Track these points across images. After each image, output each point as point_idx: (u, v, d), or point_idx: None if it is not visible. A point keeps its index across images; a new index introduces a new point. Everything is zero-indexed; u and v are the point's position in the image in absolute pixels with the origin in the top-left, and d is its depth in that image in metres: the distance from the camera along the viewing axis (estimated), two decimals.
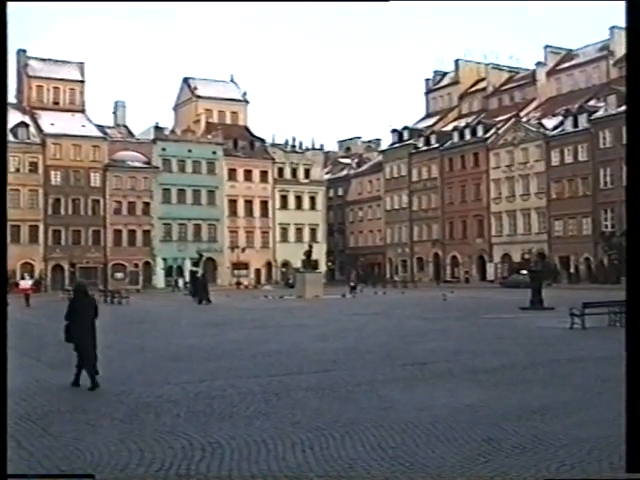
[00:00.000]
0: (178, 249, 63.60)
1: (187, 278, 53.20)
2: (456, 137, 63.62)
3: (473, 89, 71.51)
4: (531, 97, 63.66)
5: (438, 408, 7.77)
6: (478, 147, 61.25)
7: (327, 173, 78.21)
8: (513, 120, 58.40)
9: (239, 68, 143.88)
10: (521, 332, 16.00)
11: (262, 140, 70.52)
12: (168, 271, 63.07)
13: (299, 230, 70.06)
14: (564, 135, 53.03)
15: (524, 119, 58.49)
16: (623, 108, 42.49)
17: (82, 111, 63.11)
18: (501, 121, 60.69)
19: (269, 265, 68.46)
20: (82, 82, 64.17)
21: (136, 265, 61.61)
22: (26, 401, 8.31)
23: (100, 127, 62.14)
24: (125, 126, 67.67)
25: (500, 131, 59.04)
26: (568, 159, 52.81)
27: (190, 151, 64.20)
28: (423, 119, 75.26)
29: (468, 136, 62.39)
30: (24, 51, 63.22)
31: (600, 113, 50.85)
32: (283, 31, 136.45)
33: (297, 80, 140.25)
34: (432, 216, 65.76)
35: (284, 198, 69.70)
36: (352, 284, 45.52)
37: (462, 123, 65.59)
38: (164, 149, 63.33)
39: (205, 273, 42.00)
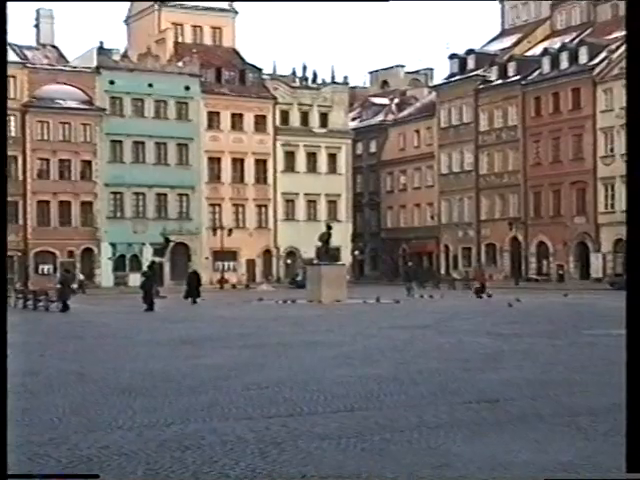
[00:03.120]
0: (134, 230, 64.08)
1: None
2: (546, 65, 63.35)
3: None
4: None
5: (518, 467, 7.75)
6: (580, 80, 60.96)
7: (354, 119, 78.38)
8: None
9: None
10: None
11: (258, 70, 70.66)
12: (119, 262, 63.60)
13: (312, 203, 70.38)
14: None
15: None
16: None
17: None
18: (615, 40, 59.98)
19: (267, 254, 68.88)
20: None
21: (71, 254, 62.20)
22: None
23: (16, 48, 62.08)
24: (54, 47, 67.99)
25: (614, 56, 58.56)
26: None
27: (151, 86, 64.39)
28: (497, 39, 74.86)
29: (565, 63, 62.07)
30: None
31: None
32: None
33: None
34: (509, 183, 65.66)
35: (290, 156, 69.96)
36: (410, 283, 46.45)
37: (556, 44, 65.24)
38: (112, 82, 63.56)
39: (198, 272, 44.59)
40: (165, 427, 9.55)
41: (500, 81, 66.13)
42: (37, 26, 68.20)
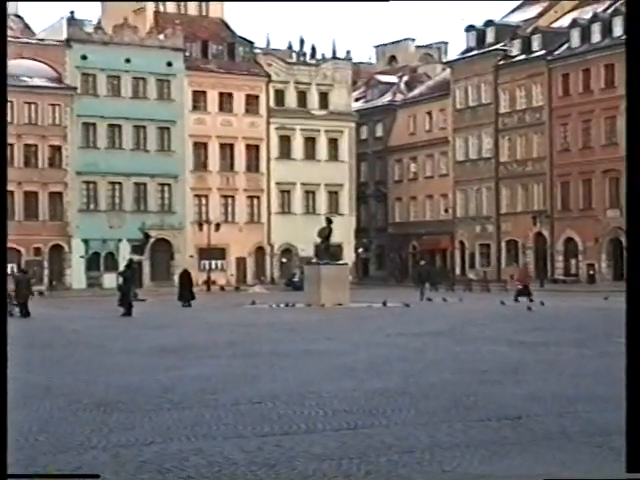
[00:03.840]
0: (109, 225, 64.12)
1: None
2: (576, 38, 63.33)
3: None
4: None
5: None
6: (614, 55, 60.78)
7: (358, 100, 78.46)
8: None
9: None
10: None
11: (250, 43, 70.69)
12: (92, 261, 63.60)
13: (310, 194, 70.50)
14: None
15: None
16: None
17: None
18: None
19: (260, 252, 68.96)
20: None
21: (38, 251, 62.24)
22: None
23: None
24: (18, 17, 67.91)
25: None
26: None
27: (128, 61, 64.41)
28: (519, 9, 74.83)
29: (597, 36, 62.03)
30: None
31: None
32: None
33: None
34: (533, 172, 65.70)
35: (286, 141, 70.06)
36: (423, 285, 46.81)
37: (586, 14, 65.15)
38: (84, 57, 63.59)
39: (189, 271, 45.47)
40: (144, 447, 9.54)
41: (523, 56, 66.13)
42: None
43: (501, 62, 67.61)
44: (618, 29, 60.48)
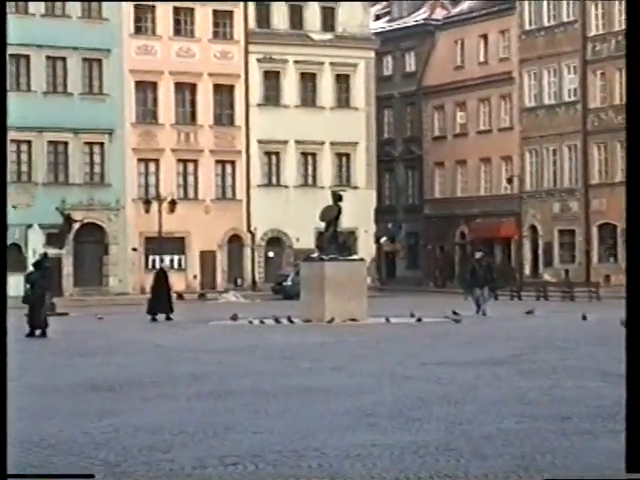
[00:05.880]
0: (12, 204, 63.94)
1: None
2: None
3: None
4: None
5: None
6: None
7: (379, 18, 78.41)
8: None
9: None
10: None
11: None
12: None
13: (310, 159, 70.39)
14: None
15: None
16: None
17: None
18: None
19: (236, 244, 68.90)
20: None
21: None
22: None
23: None
24: None
25: None
26: None
27: None
28: None
29: None
30: None
31: None
32: None
33: None
34: None
35: (273, 79, 70.06)
36: (480, 290, 45.41)
37: None
38: None
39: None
40: None
41: None
42: None
43: None
44: None
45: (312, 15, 70.60)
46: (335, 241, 41.19)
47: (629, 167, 7.56)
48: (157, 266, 64.68)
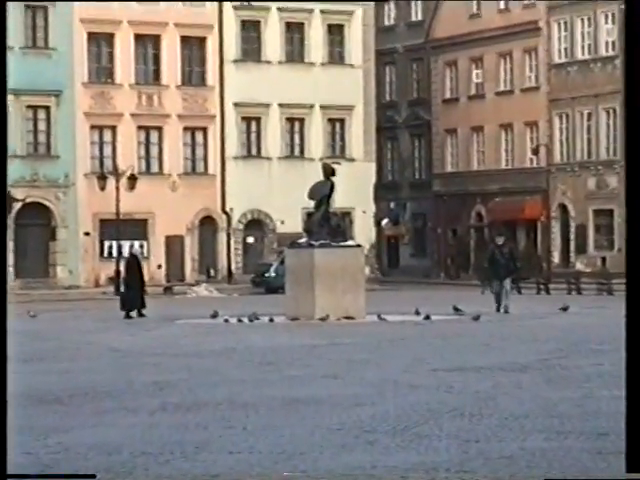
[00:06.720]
0: None
1: None
2: None
3: None
4: None
5: None
6: None
7: None
8: None
9: None
10: None
11: None
12: None
13: (296, 125, 70.73)
14: None
15: None
16: None
17: None
18: None
19: (208, 227, 69.42)
20: None
21: None
22: None
23: None
24: None
25: None
26: None
27: None
28: None
29: None
30: None
31: None
32: None
33: None
34: None
35: (252, 30, 70.36)
36: (502, 283, 45.06)
37: None
38: None
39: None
40: None
41: None
42: None
43: None
44: None
45: None
46: (327, 224, 41.19)
47: (629, 169, 7.68)
48: (114, 254, 65.15)
